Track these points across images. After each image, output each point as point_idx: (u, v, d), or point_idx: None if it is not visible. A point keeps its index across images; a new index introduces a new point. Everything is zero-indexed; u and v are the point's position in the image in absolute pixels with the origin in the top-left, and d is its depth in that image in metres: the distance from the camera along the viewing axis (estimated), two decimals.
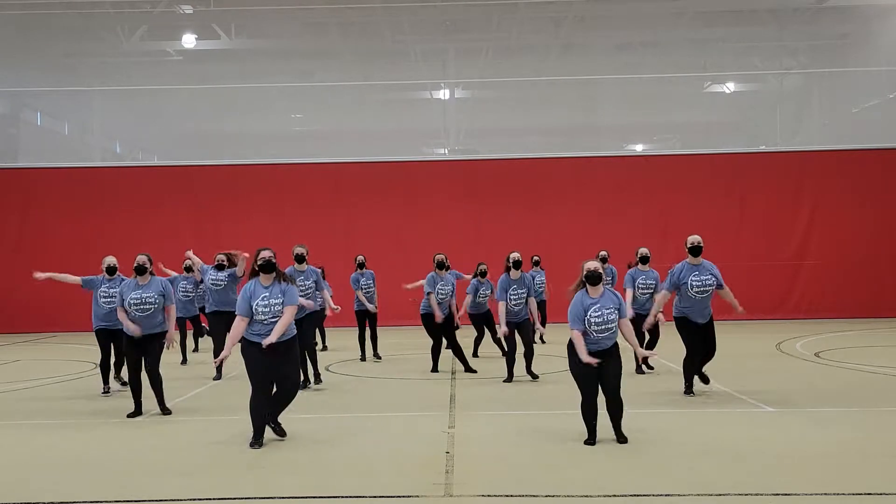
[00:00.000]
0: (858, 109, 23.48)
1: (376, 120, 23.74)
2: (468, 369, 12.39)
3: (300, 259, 10.82)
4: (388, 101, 24.71)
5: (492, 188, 21.77)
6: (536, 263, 15.27)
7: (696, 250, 9.64)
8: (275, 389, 7.76)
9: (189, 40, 23.23)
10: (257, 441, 7.62)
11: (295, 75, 24.12)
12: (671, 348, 13.29)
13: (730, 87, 24.55)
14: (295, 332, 7.78)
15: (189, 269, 14.40)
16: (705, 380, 10.09)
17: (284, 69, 24.03)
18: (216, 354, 12.12)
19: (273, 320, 7.54)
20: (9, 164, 22.71)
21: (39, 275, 10.84)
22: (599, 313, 7.34)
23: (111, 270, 10.62)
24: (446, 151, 23.64)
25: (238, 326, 7.58)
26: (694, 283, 9.54)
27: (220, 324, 12.06)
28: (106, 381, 11.01)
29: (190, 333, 15.39)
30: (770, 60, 23.97)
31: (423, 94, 24.38)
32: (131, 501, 5.99)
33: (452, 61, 23.64)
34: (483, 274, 12.66)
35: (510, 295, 10.96)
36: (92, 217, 21.74)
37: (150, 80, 23.68)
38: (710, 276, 9.57)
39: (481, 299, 12.68)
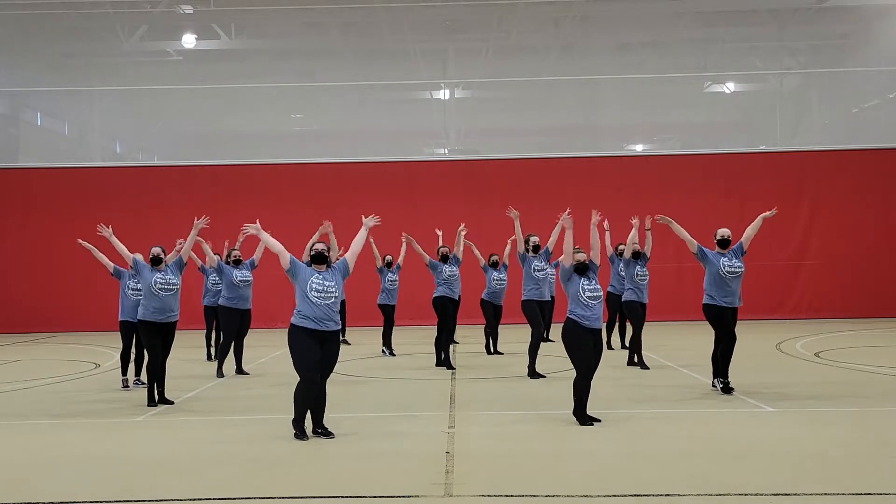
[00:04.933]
0: (858, 109, 23.48)
1: (376, 120, 23.72)
2: (446, 362, 12.89)
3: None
4: (388, 101, 24.70)
5: (492, 188, 21.74)
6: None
7: (724, 243, 10.06)
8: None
9: (189, 40, 23.20)
10: (302, 432, 7.78)
11: (295, 75, 24.09)
12: (671, 348, 13.33)
13: (730, 87, 24.54)
14: (339, 326, 7.96)
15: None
16: (728, 389, 9.96)
17: (284, 69, 24.01)
18: (222, 354, 12.39)
19: (328, 305, 7.69)
20: (9, 164, 22.71)
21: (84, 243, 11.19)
22: (591, 283, 8.42)
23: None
24: (446, 151, 23.64)
25: (280, 247, 7.88)
26: (725, 264, 9.85)
27: (233, 321, 12.23)
28: (125, 373, 11.26)
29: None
30: (770, 60, 23.96)
31: (423, 94, 24.37)
32: (131, 501, 5.99)
33: (452, 61, 23.62)
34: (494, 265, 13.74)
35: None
36: (92, 217, 21.55)
37: (150, 80, 23.66)
38: (739, 262, 9.90)
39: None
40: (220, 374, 12.30)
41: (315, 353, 7.71)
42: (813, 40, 23.48)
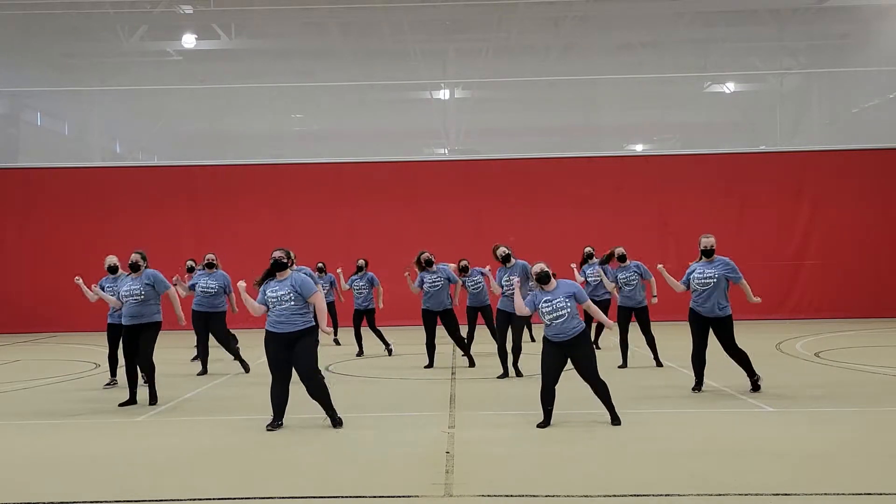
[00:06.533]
0: (858, 109, 23.48)
1: (376, 120, 23.72)
2: (466, 353, 13.19)
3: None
4: (388, 101, 24.69)
5: (492, 188, 21.76)
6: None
7: (706, 253, 9.97)
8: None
9: (189, 40, 23.19)
10: (273, 424, 8.27)
11: (295, 75, 24.08)
12: (671, 348, 13.32)
13: (730, 87, 24.54)
14: (312, 324, 8.29)
15: (191, 270, 14.30)
16: (756, 386, 10.04)
17: (284, 69, 23.99)
18: (201, 354, 12.84)
19: (282, 309, 8.14)
20: (9, 164, 22.71)
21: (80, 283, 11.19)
22: (549, 304, 8.14)
23: (112, 270, 11.10)
24: (446, 151, 23.64)
25: (254, 304, 8.29)
26: (696, 277, 9.88)
27: (198, 324, 12.66)
28: (113, 374, 11.52)
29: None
30: (770, 60, 23.95)
31: (423, 94, 24.36)
32: (131, 501, 5.99)
33: (452, 61, 23.62)
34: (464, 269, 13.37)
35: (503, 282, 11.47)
36: (92, 217, 21.74)
37: (150, 80, 23.65)
38: (713, 272, 9.81)
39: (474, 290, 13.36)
40: (202, 371, 12.71)
41: (276, 354, 8.22)
42: (813, 40, 23.48)
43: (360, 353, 14.80)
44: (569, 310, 8.13)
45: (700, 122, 24.58)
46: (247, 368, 12.59)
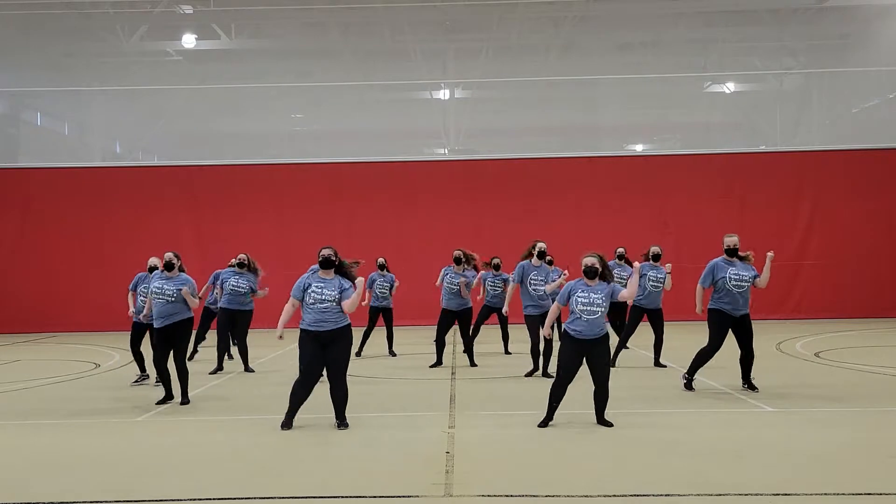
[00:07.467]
0: (858, 109, 23.49)
1: (376, 120, 23.73)
2: (467, 350, 13.25)
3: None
4: (388, 101, 24.70)
5: (492, 188, 21.76)
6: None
7: (731, 252, 9.99)
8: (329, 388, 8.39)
9: (189, 40, 23.21)
10: (287, 423, 8.24)
11: (295, 75, 24.10)
12: (671, 348, 13.31)
13: (730, 87, 24.54)
14: (347, 321, 8.31)
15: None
16: (753, 387, 10.11)
17: (284, 69, 24.02)
18: (218, 351, 12.80)
19: (322, 308, 8.12)
20: (9, 164, 22.71)
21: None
22: (587, 297, 8.05)
23: (152, 270, 11.05)
24: (446, 151, 23.63)
25: (287, 309, 8.34)
26: (732, 277, 9.85)
27: (225, 321, 12.83)
28: (143, 369, 11.69)
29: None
30: (770, 60, 23.96)
31: (423, 94, 24.37)
32: (132, 501, 5.99)
33: (452, 61, 23.63)
34: (496, 267, 13.63)
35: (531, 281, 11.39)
36: (92, 217, 21.73)
37: (150, 80, 23.67)
38: (749, 275, 9.87)
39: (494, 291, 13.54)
40: (216, 370, 12.67)
41: (312, 354, 8.18)
42: (813, 40, 23.48)
43: (359, 354, 14.62)
44: (603, 309, 8.07)
45: (700, 122, 24.58)
46: (250, 371, 12.81)
